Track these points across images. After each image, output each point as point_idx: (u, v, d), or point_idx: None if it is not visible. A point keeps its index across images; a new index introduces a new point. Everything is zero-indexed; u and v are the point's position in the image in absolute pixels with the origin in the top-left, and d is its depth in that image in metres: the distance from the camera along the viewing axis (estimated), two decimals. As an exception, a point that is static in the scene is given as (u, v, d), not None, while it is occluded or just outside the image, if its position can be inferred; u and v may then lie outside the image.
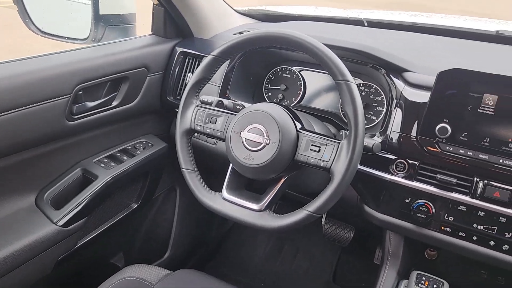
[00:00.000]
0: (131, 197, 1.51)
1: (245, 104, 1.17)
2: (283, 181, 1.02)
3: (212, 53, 1.07)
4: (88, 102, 1.29)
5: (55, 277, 1.32)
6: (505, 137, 0.99)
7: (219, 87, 1.38)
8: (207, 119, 1.08)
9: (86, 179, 1.33)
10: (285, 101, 1.44)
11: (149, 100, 1.48)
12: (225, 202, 1.04)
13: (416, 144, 1.08)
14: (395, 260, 1.21)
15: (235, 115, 1.03)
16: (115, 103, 1.37)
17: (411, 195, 1.10)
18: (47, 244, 1.20)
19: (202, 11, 1.47)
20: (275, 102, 1.44)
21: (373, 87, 1.30)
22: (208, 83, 1.12)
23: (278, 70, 1.46)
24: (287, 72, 1.44)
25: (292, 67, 1.44)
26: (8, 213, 1.19)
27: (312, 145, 0.96)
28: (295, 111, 1.06)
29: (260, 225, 0.98)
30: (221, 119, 1.06)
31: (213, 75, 1.10)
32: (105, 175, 1.32)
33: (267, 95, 1.47)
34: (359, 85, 1.31)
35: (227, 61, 1.36)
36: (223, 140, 1.05)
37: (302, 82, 1.41)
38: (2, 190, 1.17)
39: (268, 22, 1.74)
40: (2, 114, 1.05)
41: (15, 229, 1.16)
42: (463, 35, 1.44)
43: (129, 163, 1.39)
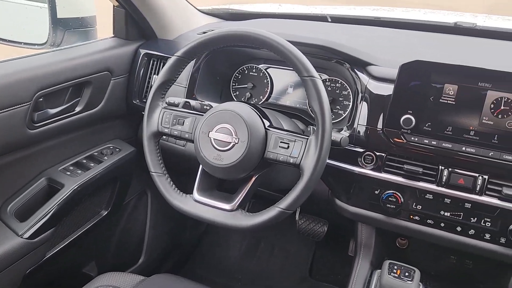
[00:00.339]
0: (100, 204, 1.48)
1: (212, 104, 1.16)
2: (254, 179, 1.02)
3: (175, 54, 1.06)
4: (50, 109, 1.25)
5: (24, 291, 1.27)
6: (466, 125, 1.02)
7: (186, 88, 1.36)
8: (174, 121, 1.06)
9: (51, 189, 1.29)
10: (253, 99, 1.43)
11: (114, 104, 1.45)
12: (197, 203, 1.03)
13: (382, 136, 1.10)
14: (368, 251, 1.23)
15: (203, 115, 1.03)
16: (78, 109, 1.33)
17: (380, 187, 1.12)
18: (13, 258, 1.15)
19: (164, 12, 1.45)
20: (243, 100, 1.44)
21: (339, 82, 1.31)
22: (173, 84, 1.11)
23: (244, 68, 1.46)
24: (254, 70, 1.44)
25: (258, 65, 1.44)
26: (-31, 228, 1.14)
27: (281, 142, 0.96)
28: (263, 109, 1.06)
29: (232, 225, 0.98)
30: (189, 120, 1.05)
31: (178, 76, 1.08)
32: (71, 183, 1.28)
33: (234, 94, 1.47)
34: (325, 80, 1.33)
35: (193, 62, 1.35)
36: (192, 141, 1.04)
37: (269, 79, 1.42)
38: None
39: (232, 20, 1.74)
40: None
41: (-22, 245, 1.12)
42: (424, 28, 1.48)
43: (96, 170, 1.35)
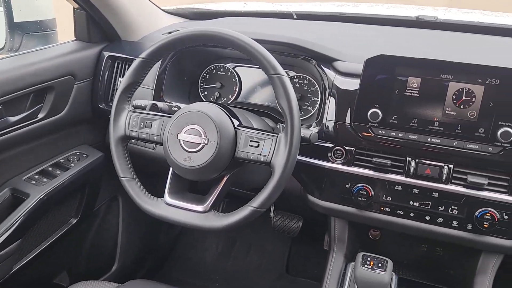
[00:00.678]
0: (69, 212, 1.44)
1: (180, 105, 1.15)
2: (225, 179, 1.01)
3: (140, 56, 1.04)
4: (10, 116, 1.20)
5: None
6: (431, 116, 1.05)
7: (153, 89, 1.34)
8: (142, 124, 1.04)
9: (16, 199, 1.24)
10: (222, 99, 1.43)
11: (79, 109, 1.41)
12: (169, 206, 1.02)
13: (350, 130, 1.12)
14: (341, 244, 1.25)
15: (171, 117, 1.01)
16: (41, 115, 1.29)
17: (350, 180, 1.14)
18: (-22, 273, 1.11)
19: (127, 13, 1.42)
20: (211, 100, 1.43)
21: (307, 78, 1.32)
22: (140, 86, 1.09)
23: (212, 68, 1.45)
24: (222, 69, 1.43)
25: (226, 64, 1.43)
26: None
27: (251, 141, 0.96)
28: (232, 108, 1.06)
29: (206, 226, 0.97)
30: (157, 123, 1.04)
31: (143, 79, 1.06)
32: (37, 193, 1.24)
33: (203, 94, 1.46)
34: (293, 77, 1.33)
35: (159, 62, 1.33)
36: (161, 144, 1.02)
37: (237, 78, 1.41)
38: None
39: (197, 20, 1.72)
40: None
41: None
42: (388, 22, 1.51)
43: (63, 177, 1.32)
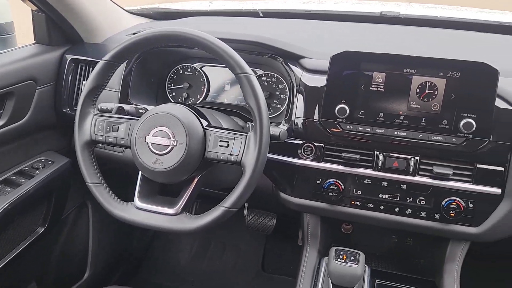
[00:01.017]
0: (36, 221, 1.39)
1: (148, 107, 1.13)
2: (196, 181, 1.01)
3: (103, 58, 1.01)
4: (-33, 125, 1.15)
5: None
6: (396, 110, 1.07)
7: (119, 92, 1.31)
8: (108, 127, 1.02)
9: None
10: (190, 99, 1.41)
11: (42, 114, 1.37)
12: (139, 211, 1.00)
13: (319, 127, 1.13)
14: (314, 240, 1.26)
15: (138, 120, 0.99)
16: (1, 122, 1.24)
17: (321, 176, 1.15)
18: None
19: (88, 15, 1.38)
20: (180, 101, 1.41)
21: (275, 76, 1.33)
22: (105, 89, 1.07)
23: (179, 68, 1.43)
24: (189, 69, 1.42)
25: (193, 64, 1.41)
26: None
27: (220, 141, 0.96)
28: (200, 108, 1.05)
29: (178, 228, 0.96)
30: (124, 126, 1.02)
31: (108, 81, 1.04)
32: (1, 202, 1.19)
33: (171, 95, 1.44)
34: (261, 75, 1.33)
35: (124, 64, 1.30)
36: (128, 147, 1.01)
37: (205, 78, 1.40)
38: None
39: (162, 20, 1.70)
40: None
41: None
42: (353, 19, 1.53)
43: (28, 186, 1.27)
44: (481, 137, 1.02)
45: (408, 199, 1.11)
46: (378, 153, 1.11)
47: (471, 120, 1.01)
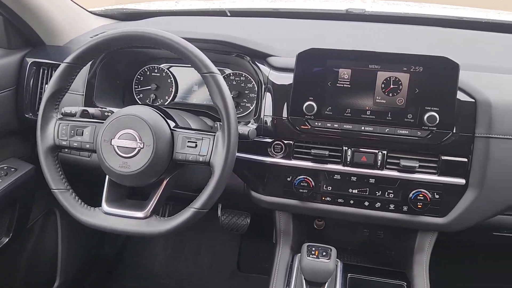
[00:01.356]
0: None
1: (114, 110, 1.11)
2: (165, 183, 0.99)
3: (65, 60, 0.99)
4: None
5: None
6: (363, 106, 1.09)
7: (83, 95, 1.28)
8: (72, 131, 1.00)
9: None
10: (158, 101, 1.39)
11: (3, 120, 1.32)
12: (108, 215, 0.98)
13: (288, 124, 1.13)
14: (287, 237, 1.27)
15: (103, 123, 0.97)
16: None
17: (291, 173, 1.15)
18: None
19: (49, 16, 1.33)
20: (147, 103, 1.39)
21: (243, 75, 1.32)
22: (68, 93, 1.04)
23: (146, 69, 1.41)
24: (156, 70, 1.40)
25: (160, 65, 1.40)
26: None
27: (188, 142, 0.95)
28: (167, 109, 1.04)
29: (147, 232, 0.95)
30: (88, 130, 0.99)
31: (70, 84, 1.02)
32: None
33: (138, 97, 1.41)
34: (229, 74, 1.33)
35: (87, 66, 1.27)
36: (94, 151, 0.98)
37: (172, 79, 1.38)
38: None
39: (127, 21, 1.66)
40: None
41: None
42: (319, 16, 1.54)
43: None
44: (445, 130, 1.05)
45: (377, 192, 1.12)
46: (346, 148, 1.12)
47: (434, 113, 1.04)
